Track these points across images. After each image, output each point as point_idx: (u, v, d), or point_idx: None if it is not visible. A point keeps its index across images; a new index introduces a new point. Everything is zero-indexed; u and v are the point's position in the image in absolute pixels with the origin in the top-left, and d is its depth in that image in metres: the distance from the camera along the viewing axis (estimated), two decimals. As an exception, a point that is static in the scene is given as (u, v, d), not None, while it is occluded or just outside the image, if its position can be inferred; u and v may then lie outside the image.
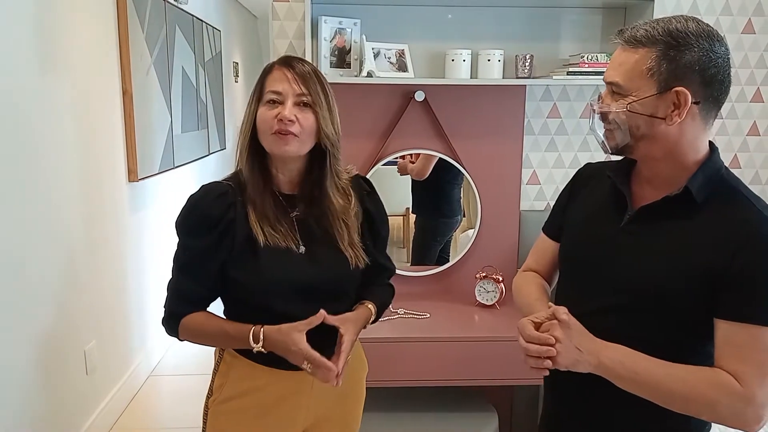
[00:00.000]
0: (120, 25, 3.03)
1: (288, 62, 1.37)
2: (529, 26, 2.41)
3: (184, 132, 4.04)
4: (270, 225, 1.36)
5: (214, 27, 5.00)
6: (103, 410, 2.84)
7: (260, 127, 1.35)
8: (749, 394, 1.05)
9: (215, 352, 1.50)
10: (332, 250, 1.42)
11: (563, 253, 1.37)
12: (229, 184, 1.39)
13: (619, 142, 1.16)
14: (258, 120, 1.35)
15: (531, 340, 1.14)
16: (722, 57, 1.09)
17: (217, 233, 1.34)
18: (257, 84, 1.39)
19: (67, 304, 2.56)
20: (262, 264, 1.35)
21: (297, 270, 1.38)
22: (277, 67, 1.37)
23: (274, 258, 1.35)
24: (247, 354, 1.40)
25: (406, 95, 2.42)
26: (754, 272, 1.06)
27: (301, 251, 1.39)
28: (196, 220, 1.36)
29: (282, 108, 1.33)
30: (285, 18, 2.38)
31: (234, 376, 1.44)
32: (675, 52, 1.07)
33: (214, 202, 1.35)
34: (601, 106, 1.17)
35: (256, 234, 1.34)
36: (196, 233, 1.36)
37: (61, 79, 2.50)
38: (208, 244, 1.35)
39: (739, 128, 2.56)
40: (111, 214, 2.99)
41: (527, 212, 2.56)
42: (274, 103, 1.34)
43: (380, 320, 2.23)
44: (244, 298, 1.39)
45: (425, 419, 2.29)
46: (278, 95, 1.34)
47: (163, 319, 1.42)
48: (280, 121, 1.32)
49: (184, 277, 1.38)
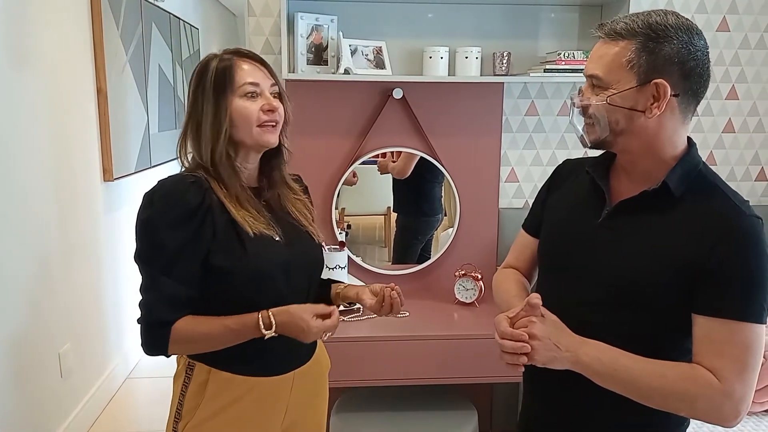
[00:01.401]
0: (94, 22, 2.98)
1: (247, 54, 1.38)
2: (506, 24, 2.41)
3: (161, 131, 3.99)
4: (252, 216, 1.35)
5: (192, 25, 4.95)
6: (78, 414, 2.79)
7: (241, 120, 1.33)
8: (727, 390, 1.05)
9: (177, 374, 1.42)
10: (300, 233, 1.46)
11: (542, 249, 1.36)
12: (193, 175, 1.34)
13: (598, 135, 1.16)
14: (236, 113, 1.32)
15: (505, 337, 1.13)
16: (701, 50, 1.10)
17: (197, 222, 1.29)
18: (219, 77, 1.33)
19: (40, 307, 2.51)
20: (249, 251, 1.32)
21: (279, 254, 1.37)
22: (238, 60, 1.36)
23: (258, 243, 1.33)
24: (224, 366, 1.37)
25: (384, 93, 2.41)
26: (732, 267, 1.06)
27: (279, 238, 1.38)
28: (177, 211, 1.29)
29: (263, 99, 1.34)
30: (261, 14, 2.36)
31: (210, 392, 1.38)
32: (654, 44, 1.08)
33: (189, 190, 1.30)
34: (582, 99, 1.17)
35: (241, 223, 1.32)
36: (176, 225, 1.28)
37: (33, 77, 2.45)
38: (190, 236, 1.28)
39: (715, 125, 2.58)
40: (86, 214, 2.94)
41: (506, 210, 2.56)
42: (253, 96, 1.34)
43: (359, 318, 2.24)
44: (229, 290, 1.33)
45: (405, 418, 2.28)
46: (256, 87, 1.34)
47: (146, 335, 1.31)
48: (269, 111, 1.34)
49: (168, 279, 1.28)
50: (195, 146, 1.37)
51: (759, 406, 2.08)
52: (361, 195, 2.56)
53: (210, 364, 1.38)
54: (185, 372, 1.40)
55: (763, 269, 1.07)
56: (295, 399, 1.45)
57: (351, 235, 2.59)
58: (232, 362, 1.36)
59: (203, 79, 1.34)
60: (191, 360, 1.39)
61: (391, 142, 2.46)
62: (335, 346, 1.58)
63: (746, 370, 1.06)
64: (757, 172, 2.63)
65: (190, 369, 1.40)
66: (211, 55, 1.39)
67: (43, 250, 2.54)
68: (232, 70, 1.34)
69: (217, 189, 1.34)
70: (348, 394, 2.42)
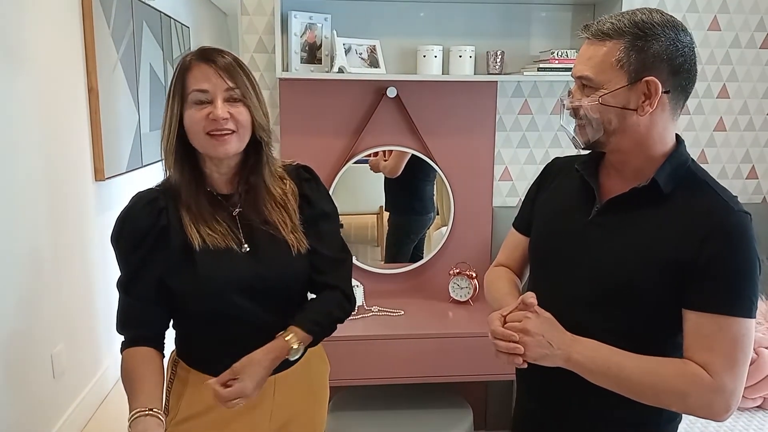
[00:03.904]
0: (85, 20, 2.95)
1: (207, 56, 1.25)
2: (500, 23, 2.41)
3: (152, 130, 3.97)
4: (207, 226, 1.28)
5: (183, 24, 4.92)
6: (71, 414, 2.77)
7: (190, 129, 1.25)
8: (718, 385, 1.06)
9: (168, 366, 1.42)
10: (274, 242, 1.34)
11: (533, 247, 1.37)
12: (158, 190, 1.32)
13: (590, 137, 1.17)
14: (187, 122, 1.25)
15: (496, 336, 1.14)
16: (688, 46, 1.11)
17: (149, 245, 1.28)
18: (175, 82, 1.25)
19: (32, 307, 2.49)
20: (198, 268, 1.27)
21: (238, 269, 1.30)
22: (195, 63, 1.24)
23: (212, 260, 1.28)
24: (201, 368, 1.36)
25: (378, 91, 2.41)
26: (721, 262, 1.07)
27: (245, 250, 1.32)
28: (127, 235, 1.29)
29: (212, 107, 1.22)
30: (254, 13, 2.35)
31: (190, 392, 1.37)
32: (643, 42, 1.08)
33: (142, 212, 1.29)
34: (572, 101, 1.17)
35: (191, 237, 1.27)
36: (128, 248, 1.29)
37: (24, 76, 2.43)
38: (140, 261, 1.28)
39: (706, 124, 2.60)
40: (77, 214, 2.92)
41: (500, 208, 2.57)
42: (202, 103, 1.23)
43: (354, 318, 2.24)
44: (188, 310, 1.33)
45: (400, 416, 2.29)
46: (205, 94, 1.23)
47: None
48: (213, 121, 1.22)
49: (128, 297, 1.31)
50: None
51: (751, 402, 2.10)
52: (354, 194, 2.56)
53: (189, 364, 1.39)
54: (171, 367, 1.41)
55: (752, 264, 1.08)
56: (282, 402, 1.42)
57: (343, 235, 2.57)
58: (208, 364, 1.34)
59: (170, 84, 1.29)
60: (177, 357, 1.41)
61: (386, 141, 2.46)
62: (329, 345, 1.57)
63: (736, 365, 1.07)
64: (748, 170, 2.65)
65: (175, 364, 1.41)
66: (185, 54, 1.30)
67: (35, 250, 2.52)
68: (184, 76, 1.25)
69: (178, 201, 1.31)
70: (343, 393, 2.42)
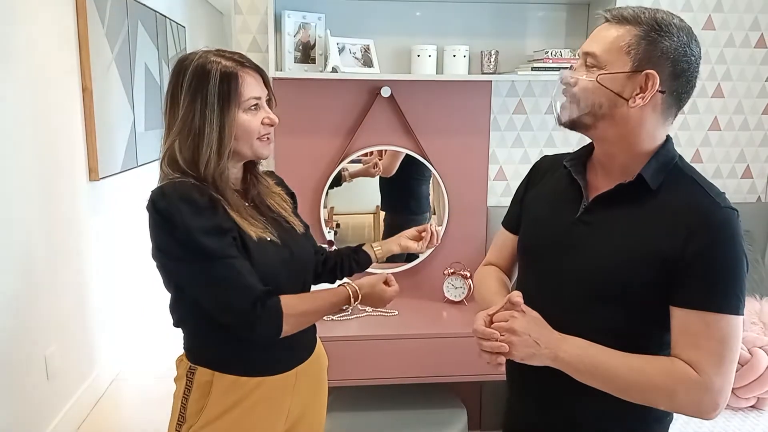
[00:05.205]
0: (79, 20, 2.94)
1: (252, 64, 1.36)
2: (494, 22, 2.41)
3: (147, 130, 3.96)
4: (249, 222, 1.35)
5: (179, 23, 4.91)
6: (64, 416, 2.76)
7: (245, 133, 1.33)
8: (706, 382, 1.06)
9: (178, 377, 1.42)
10: (286, 228, 1.46)
11: (521, 245, 1.37)
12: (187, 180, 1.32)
13: (574, 115, 1.17)
14: (240, 127, 1.32)
15: (479, 335, 1.14)
16: (695, 57, 1.12)
17: (221, 212, 1.30)
18: (223, 89, 1.29)
19: (26, 308, 2.48)
20: (254, 257, 1.32)
21: (280, 256, 1.38)
22: (247, 71, 1.33)
23: (263, 250, 1.34)
24: (229, 370, 1.37)
25: (372, 91, 2.40)
26: (708, 259, 1.07)
27: (275, 237, 1.39)
28: (204, 201, 1.27)
29: (263, 112, 1.36)
30: (248, 12, 2.34)
31: (215, 395, 1.37)
32: (656, 35, 1.09)
33: (200, 191, 1.28)
34: (572, 74, 1.18)
35: (244, 228, 1.32)
36: (210, 214, 1.27)
37: (18, 75, 2.42)
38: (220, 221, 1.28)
39: (701, 123, 2.60)
40: (71, 214, 2.91)
41: (494, 208, 2.57)
42: (255, 108, 1.35)
43: (349, 318, 2.24)
44: None
45: (395, 417, 2.28)
46: (258, 100, 1.36)
47: (254, 315, 1.27)
48: (269, 125, 1.37)
49: (236, 259, 1.28)
50: (191, 156, 1.31)
51: (745, 402, 2.10)
52: (350, 194, 2.56)
53: (214, 369, 1.38)
54: (186, 376, 1.40)
55: (739, 261, 1.08)
56: (298, 396, 1.46)
57: (340, 234, 2.58)
58: (237, 365, 1.37)
59: (203, 87, 1.28)
60: (192, 365, 1.39)
61: (380, 140, 2.46)
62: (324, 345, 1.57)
63: (724, 362, 1.06)
64: (742, 169, 2.65)
65: (191, 373, 1.39)
66: (201, 55, 1.31)
67: (28, 250, 2.51)
68: (238, 83, 1.31)
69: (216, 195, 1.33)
70: (337, 393, 2.41)
